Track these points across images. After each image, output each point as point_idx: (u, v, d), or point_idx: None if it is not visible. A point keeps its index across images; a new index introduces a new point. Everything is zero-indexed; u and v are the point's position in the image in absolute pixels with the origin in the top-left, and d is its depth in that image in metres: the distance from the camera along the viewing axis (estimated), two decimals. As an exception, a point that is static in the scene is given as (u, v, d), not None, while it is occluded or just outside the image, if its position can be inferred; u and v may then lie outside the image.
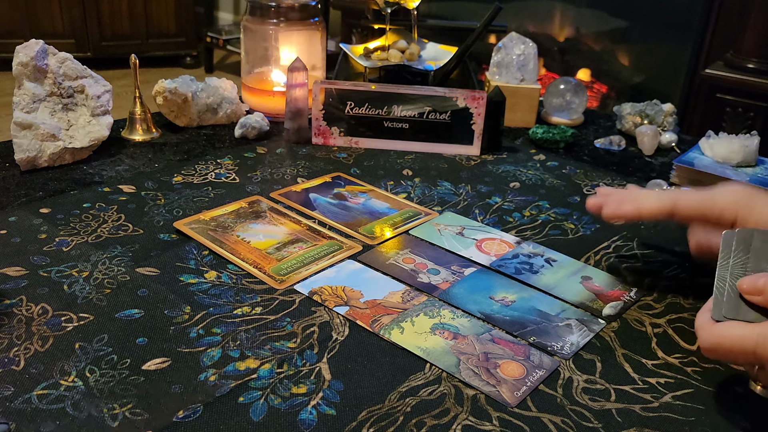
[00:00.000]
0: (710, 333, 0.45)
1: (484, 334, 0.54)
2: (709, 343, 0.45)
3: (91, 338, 0.51)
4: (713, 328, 0.45)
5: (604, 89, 2.37)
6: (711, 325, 0.45)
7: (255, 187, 0.77)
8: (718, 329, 0.45)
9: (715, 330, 0.45)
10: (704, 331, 0.46)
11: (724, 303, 0.46)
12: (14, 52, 0.78)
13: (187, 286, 0.58)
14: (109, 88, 0.85)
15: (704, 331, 0.46)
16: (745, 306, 0.45)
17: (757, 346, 0.42)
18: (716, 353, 0.45)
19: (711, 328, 0.45)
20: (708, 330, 0.45)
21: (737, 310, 0.45)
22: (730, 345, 0.44)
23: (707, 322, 0.46)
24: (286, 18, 0.96)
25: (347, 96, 0.88)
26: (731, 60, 1.85)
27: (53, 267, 0.59)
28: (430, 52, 1.09)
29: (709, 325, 0.46)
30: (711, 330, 0.45)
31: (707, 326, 0.46)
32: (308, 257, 0.63)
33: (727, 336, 0.44)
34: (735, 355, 0.44)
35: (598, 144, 0.96)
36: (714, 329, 0.45)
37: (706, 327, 0.46)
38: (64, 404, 0.45)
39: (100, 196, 0.72)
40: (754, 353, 0.43)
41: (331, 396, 0.47)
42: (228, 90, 0.95)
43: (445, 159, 0.88)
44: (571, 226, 0.73)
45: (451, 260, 0.65)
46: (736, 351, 0.44)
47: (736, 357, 0.44)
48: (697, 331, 0.47)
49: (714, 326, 0.45)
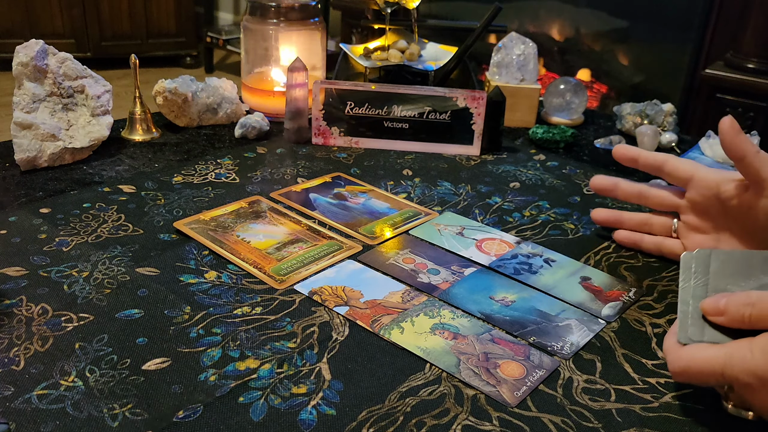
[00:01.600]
0: (678, 356, 0.45)
1: (484, 334, 0.54)
2: (678, 367, 0.45)
3: (91, 338, 0.51)
4: (680, 351, 0.45)
5: (604, 89, 2.37)
6: (678, 348, 0.46)
7: (255, 187, 0.77)
8: (685, 352, 0.45)
9: (683, 353, 0.45)
10: (672, 354, 0.46)
11: (689, 326, 0.46)
12: (14, 52, 0.78)
13: (187, 286, 0.58)
14: (109, 88, 0.85)
15: (672, 354, 0.46)
16: (710, 327, 0.46)
17: (725, 367, 0.43)
18: (685, 376, 0.45)
19: (678, 352, 0.46)
20: (675, 354, 0.46)
21: (702, 332, 0.46)
22: (698, 368, 0.44)
23: (674, 345, 0.46)
24: (286, 18, 0.96)
25: (347, 96, 0.88)
26: (731, 60, 1.85)
27: (53, 267, 0.59)
28: (430, 52, 1.09)
29: (676, 349, 0.46)
30: (679, 353, 0.45)
31: (674, 350, 0.46)
32: (308, 257, 0.63)
33: (694, 359, 0.44)
34: (704, 377, 0.44)
35: (598, 144, 0.96)
36: (681, 352, 0.45)
37: (673, 350, 0.46)
38: (64, 404, 0.45)
39: (100, 196, 0.72)
40: (722, 374, 0.43)
41: (331, 396, 0.47)
42: (228, 90, 0.95)
43: (445, 159, 0.88)
44: (571, 226, 0.73)
45: (451, 260, 0.65)
46: (705, 373, 0.44)
47: (706, 379, 0.44)
48: (665, 355, 0.47)
49: (681, 350, 0.45)
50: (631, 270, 0.65)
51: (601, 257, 0.67)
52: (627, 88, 2.33)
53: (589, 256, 0.67)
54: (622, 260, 0.66)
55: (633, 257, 0.67)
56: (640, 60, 2.31)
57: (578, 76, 2.38)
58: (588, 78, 2.38)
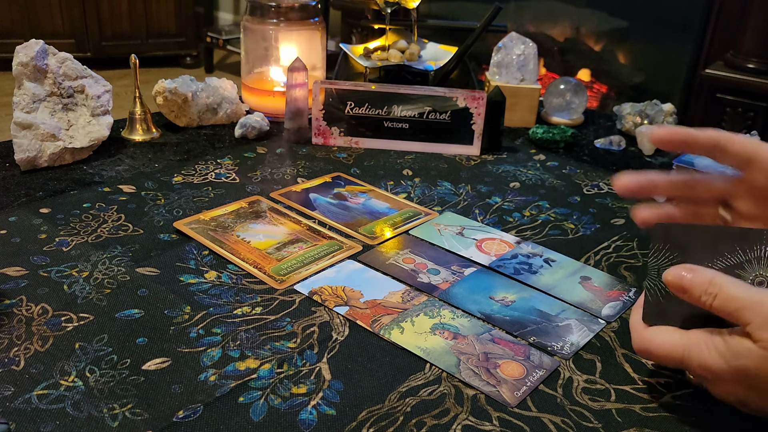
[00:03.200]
0: (641, 337, 0.46)
1: (484, 334, 0.54)
2: (640, 347, 0.46)
3: (91, 338, 0.51)
4: (644, 332, 0.46)
5: (604, 89, 2.37)
6: (642, 328, 0.46)
7: (255, 187, 0.77)
8: (648, 333, 0.46)
9: (645, 334, 0.46)
10: (635, 333, 0.47)
11: (652, 306, 0.46)
12: (14, 52, 0.78)
13: (187, 286, 0.58)
14: (109, 88, 0.85)
15: (635, 333, 0.47)
16: (674, 307, 0.46)
17: (683, 357, 0.44)
18: (646, 356, 0.47)
19: (642, 332, 0.46)
20: (639, 333, 0.47)
21: (665, 314, 0.46)
22: (657, 352, 0.45)
23: (638, 323, 0.47)
24: (286, 18, 0.96)
25: (347, 96, 0.88)
26: (731, 60, 1.85)
27: (53, 267, 0.59)
28: (430, 52, 1.09)
29: (640, 327, 0.47)
30: (641, 334, 0.46)
31: (638, 328, 0.47)
32: (308, 257, 0.63)
33: (655, 342, 0.45)
34: (664, 361, 0.45)
35: (598, 144, 0.96)
36: (644, 333, 0.46)
37: (637, 329, 0.47)
38: (64, 404, 0.45)
39: (100, 196, 0.72)
40: (681, 362, 0.44)
41: (331, 396, 0.47)
42: (228, 90, 0.95)
43: (445, 159, 0.88)
44: (571, 226, 0.73)
45: (451, 260, 0.65)
46: (664, 358, 0.45)
47: (665, 363, 0.46)
48: (631, 331, 0.48)
49: (644, 330, 0.46)
50: (631, 270, 0.65)
51: (601, 257, 0.67)
52: (627, 88, 2.33)
53: (589, 256, 0.67)
54: (622, 260, 0.66)
55: (633, 257, 0.67)
56: (640, 60, 2.31)
57: (578, 76, 2.38)
58: (588, 78, 2.38)
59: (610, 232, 0.71)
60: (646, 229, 0.48)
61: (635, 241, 0.70)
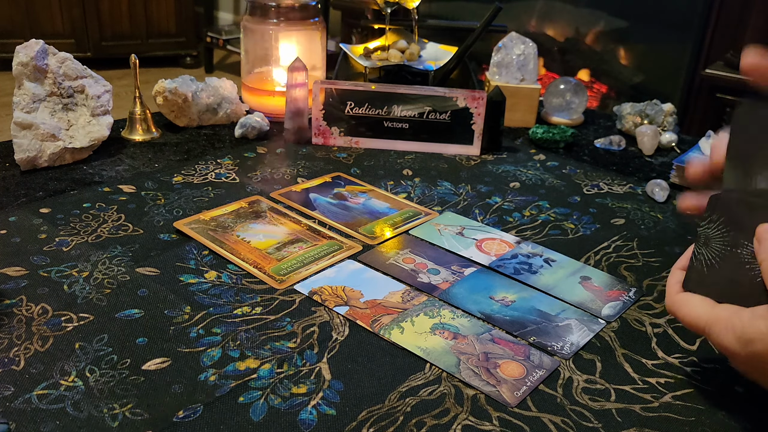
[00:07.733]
0: (672, 299, 0.48)
1: (484, 334, 0.54)
2: (670, 308, 0.48)
3: (91, 338, 0.51)
4: (676, 295, 0.48)
5: (604, 89, 2.37)
6: (676, 291, 0.48)
7: (255, 187, 0.77)
8: (680, 298, 0.47)
9: (678, 298, 0.48)
10: (669, 293, 0.49)
11: (695, 272, 0.47)
12: (14, 52, 0.78)
13: (187, 286, 0.58)
14: (109, 88, 0.85)
15: (669, 293, 0.49)
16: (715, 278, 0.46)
17: (704, 331, 0.45)
18: (673, 316, 0.48)
19: (674, 295, 0.48)
20: (671, 295, 0.48)
21: (704, 283, 0.46)
22: (683, 318, 0.47)
23: (674, 285, 0.49)
24: (286, 18, 0.96)
25: (347, 96, 0.88)
26: (731, 60, 1.85)
27: (53, 267, 0.59)
28: (430, 52, 1.09)
29: (675, 289, 0.48)
30: (673, 297, 0.48)
31: (672, 291, 0.48)
32: (308, 257, 0.63)
33: (683, 310, 0.47)
34: (687, 326, 0.47)
35: (598, 144, 0.96)
36: (676, 297, 0.48)
37: (671, 291, 0.49)
38: (64, 404, 0.45)
39: (100, 196, 0.72)
40: (703, 332, 0.45)
41: (331, 396, 0.47)
42: (228, 90, 0.95)
43: (445, 159, 0.88)
44: (571, 226, 0.73)
45: (451, 260, 0.65)
46: (687, 324, 0.47)
47: (688, 328, 0.47)
48: (666, 288, 0.49)
49: (677, 294, 0.48)
50: (631, 270, 0.65)
51: (601, 257, 0.67)
52: (627, 88, 2.33)
53: (589, 256, 0.67)
54: (622, 260, 0.66)
55: (633, 257, 0.67)
56: (640, 60, 2.31)
57: (578, 76, 2.37)
58: (588, 78, 2.38)
59: (610, 232, 0.71)
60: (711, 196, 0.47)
61: (635, 241, 0.70)
